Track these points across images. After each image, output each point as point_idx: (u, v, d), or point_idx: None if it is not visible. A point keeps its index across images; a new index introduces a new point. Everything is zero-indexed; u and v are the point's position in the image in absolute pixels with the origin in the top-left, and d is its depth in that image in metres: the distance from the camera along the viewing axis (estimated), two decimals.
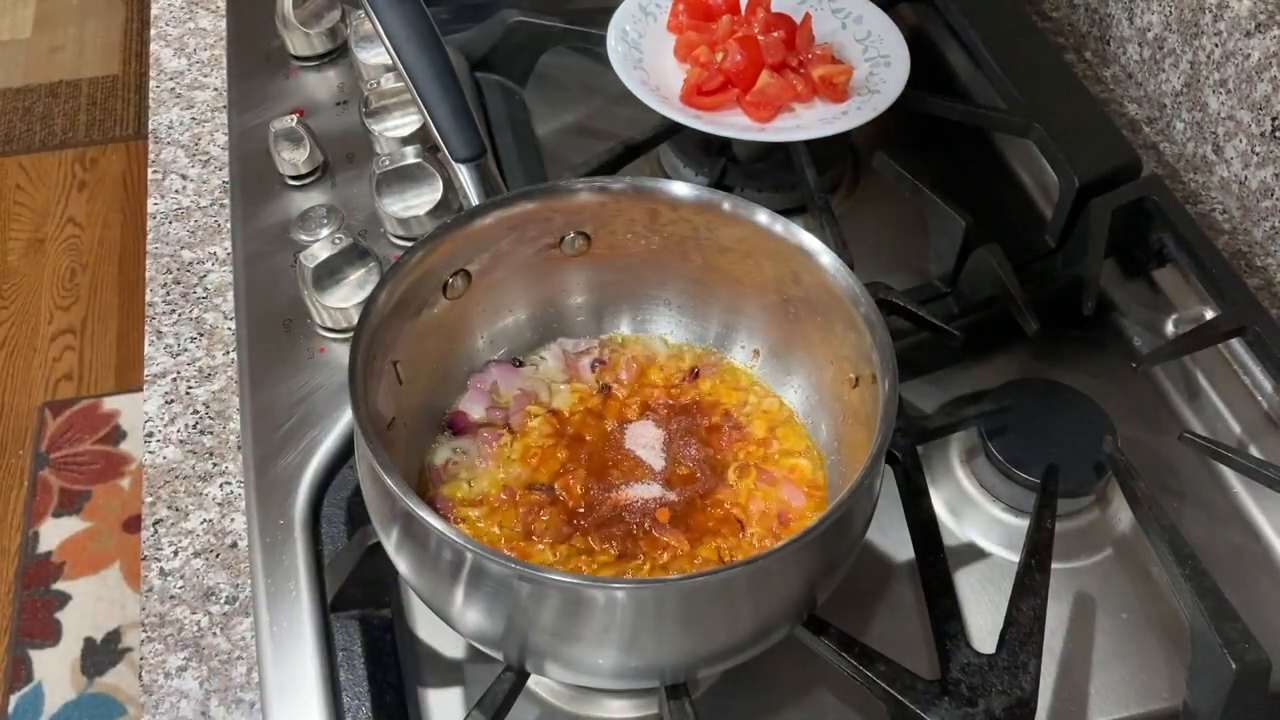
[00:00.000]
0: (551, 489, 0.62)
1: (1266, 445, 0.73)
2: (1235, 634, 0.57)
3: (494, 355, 0.69)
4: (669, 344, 0.70)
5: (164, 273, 0.82)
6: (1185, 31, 0.85)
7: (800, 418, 0.67)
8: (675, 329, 0.71)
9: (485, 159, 0.65)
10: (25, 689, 1.61)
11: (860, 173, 0.90)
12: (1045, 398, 0.71)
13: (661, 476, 0.63)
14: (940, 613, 0.60)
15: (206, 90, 0.95)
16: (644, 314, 0.71)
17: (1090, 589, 0.67)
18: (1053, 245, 0.81)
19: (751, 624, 0.54)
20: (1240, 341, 0.74)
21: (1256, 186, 0.81)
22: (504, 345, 0.69)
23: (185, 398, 0.74)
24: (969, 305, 0.77)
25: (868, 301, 0.60)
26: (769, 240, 0.64)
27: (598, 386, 0.68)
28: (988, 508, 0.70)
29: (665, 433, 0.65)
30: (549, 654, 0.53)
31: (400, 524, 0.54)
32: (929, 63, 1.00)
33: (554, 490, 0.62)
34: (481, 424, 0.66)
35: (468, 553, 0.50)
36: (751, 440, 0.66)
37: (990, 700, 0.56)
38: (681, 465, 0.64)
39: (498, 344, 0.69)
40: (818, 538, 0.52)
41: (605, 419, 0.66)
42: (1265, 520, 0.70)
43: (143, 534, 0.68)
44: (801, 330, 0.66)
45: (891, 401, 0.56)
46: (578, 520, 0.61)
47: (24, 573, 1.73)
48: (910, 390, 0.74)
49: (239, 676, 0.62)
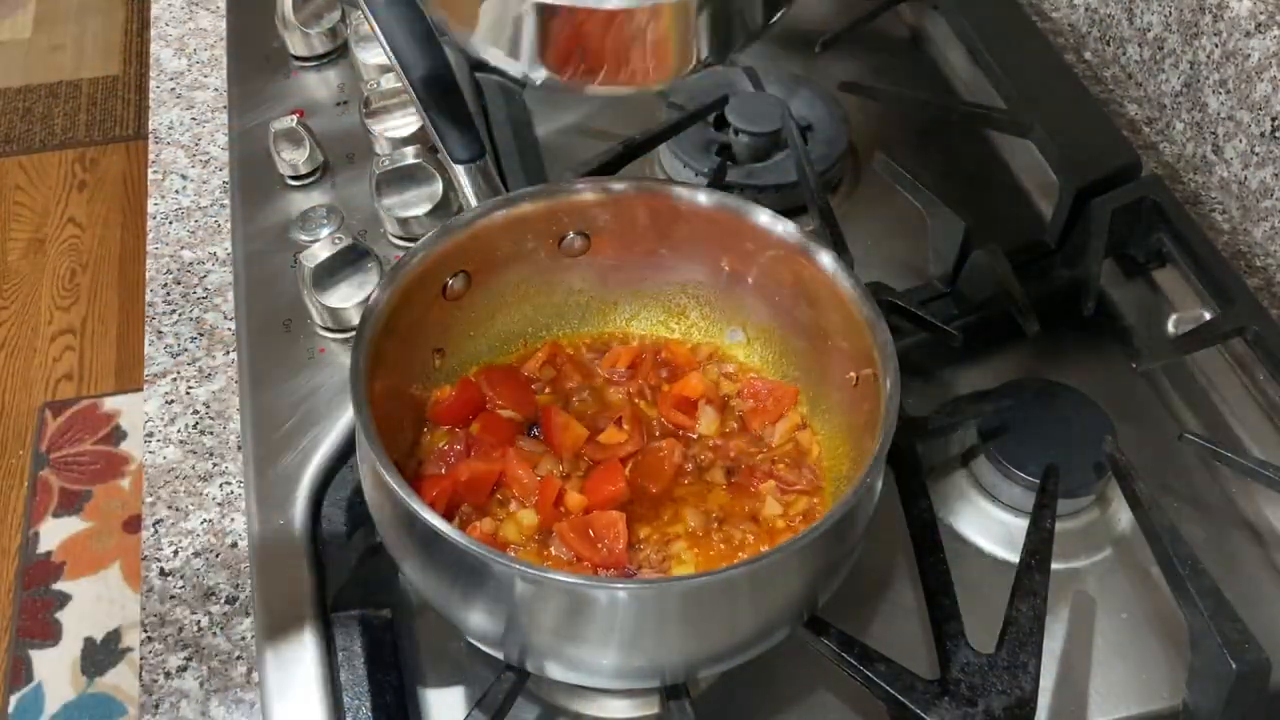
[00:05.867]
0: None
1: (1266, 445, 0.73)
2: (1235, 634, 0.57)
3: (492, 355, 0.69)
4: (669, 342, 0.70)
5: (164, 273, 0.82)
6: (1185, 32, 0.85)
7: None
8: (675, 328, 0.71)
9: (484, 160, 0.65)
10: (25, 689, 1.61)
11: (860, 173, 0.90)
12: (1045, 398, 0.71)
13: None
14: (940, 613, 0.60)
15: (206, 90, 0.95)
16: (644, 313, 0.71)
17: (1090, 589, 0.67)
18: (1053, 245, 0.81)
19: (752, 624, 0.54)
20: (1240, 341, 0.74)
21: (1256, 186, 0.81)
22: (504, 345, 0.69)
23: (185, 398, 0.74)
24: (969, 305, 0.77)
25: (868, 301, 0.60)
26: (769, 240, 0.64)
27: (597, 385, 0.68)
28: (988, 508, 0.70)
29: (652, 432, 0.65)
30: (550, 653, 0.53)
31: (402, 524, 0.54)
32: (929, 63, 1.00)
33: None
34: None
35: (469, 553, 0.50)
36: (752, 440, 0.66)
37: (990, 700, 0.56)
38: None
39: (497, 343, 0.69)
40: (819, 538, 0.52)
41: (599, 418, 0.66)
42: (1265, 520, 0.70)
43: (143, 534, 0.68)
44: (802, 329, 0.66)
45: (893, 401, 0.56)
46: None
47: (24, 573, 1.73)
48: (910, 390, 0.74)
49: (239, 676, 0.62)
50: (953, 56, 0.98)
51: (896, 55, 1.02)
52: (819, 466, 0.65)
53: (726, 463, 0.65)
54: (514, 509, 0.61)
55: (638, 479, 0.63)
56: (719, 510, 0.62)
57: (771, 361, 0.69)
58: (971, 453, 0.71)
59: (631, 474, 0.63)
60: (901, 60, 1.01)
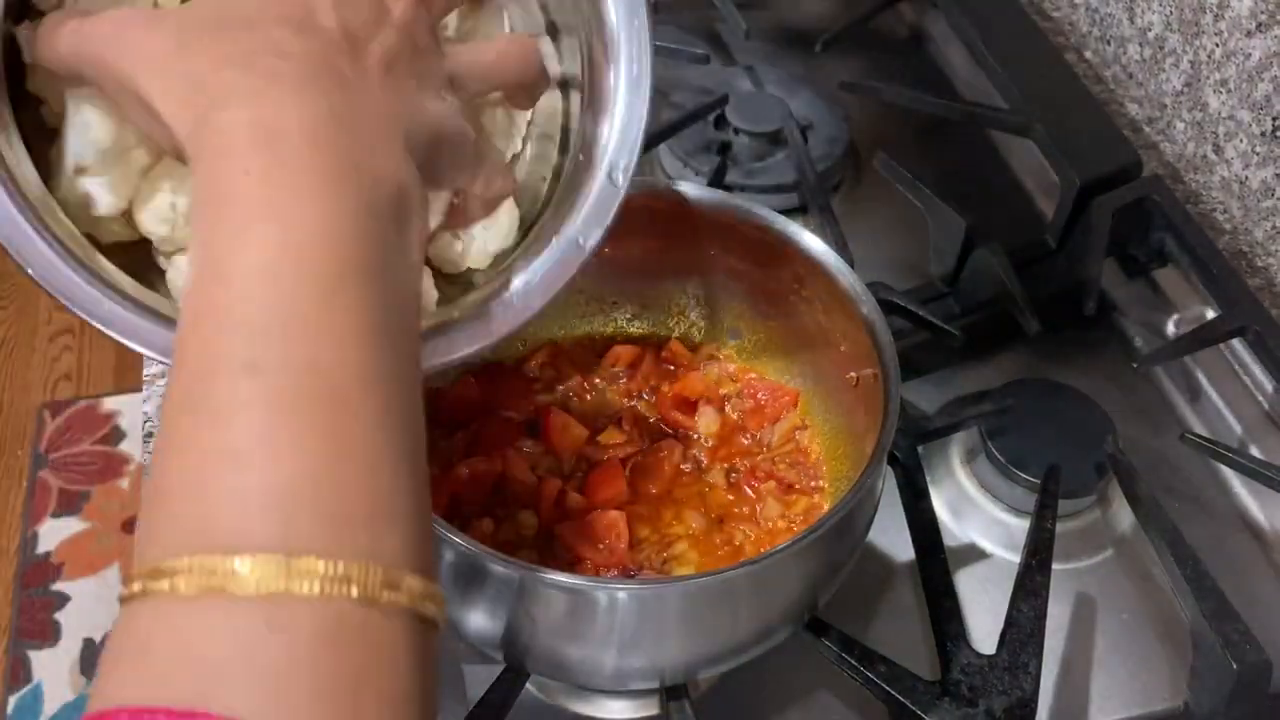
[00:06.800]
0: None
1: (1267, 445, 0.73)
2: (1236, 634, 0.57)
3: (492, 355, 0.68)
4: (669, 342, 0.70)
5: None
6: (1186, 31, 0.85)
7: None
8: (675, 328, 0.71)
9: None
10: (24, 690, 1.61)
11: (860, 173, 0.90)
12: (1046, 398, 0.71)
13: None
14: (941, 613, 0.60)
15: None
16: (644, 313, 0.71)
17: (1091, 589, 0.67)
18: (1053, 245, 0.81)
19: (753, 625, 0.54)
20: (1241, 341, 0.74)
21: (1257, 186, 0.80)
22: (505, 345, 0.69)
23: None
24: (969, 305, 0.77)
25: (869, 301, 0.60)
26: (769, 240, 0.64)
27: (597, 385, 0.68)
28: (988, 508, 0.70)
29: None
30: (550, 654, 0.53)
31: None
32: (929, 62, 1.00)
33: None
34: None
35: (469, 553, 0.50)
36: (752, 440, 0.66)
37: (991, 701, 0.56)
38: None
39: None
40: (819, 539, 0.52)
41: (599, 418, 0.66)
42: (1265, 520, 0.70)
43: None
44: (802, 329, 0.66)
45: (893, 402, 0.56)
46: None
47: (23, 573, 1.72)
48: (910, 390, 0.74)
49: None
50: (953, 56, 0.98)
51: (897, 55, 1.02)
52: (819, 467, 0.65)
53: (726, 463, 0.64)
54: (514, 509, 0.61)
55: (638, 479, 0.63)
56: (719, 511, 0.62)
57: (771, 361, 0.69)
58: (972, 453, 0.71)
59: (631, 474, 0.63)
60: (902, 60, 1.01)
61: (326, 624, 0.30)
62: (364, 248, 0.34)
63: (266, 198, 0.34)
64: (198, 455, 0.32)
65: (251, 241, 0.33)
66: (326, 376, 0.32)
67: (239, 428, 0.31)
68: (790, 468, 0.64)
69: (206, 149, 0.35)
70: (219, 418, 0.32)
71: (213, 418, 0.32)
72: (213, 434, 0.32)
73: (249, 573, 0.29)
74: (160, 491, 0.32)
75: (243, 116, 0.35)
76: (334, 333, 0.33)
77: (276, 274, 0.33)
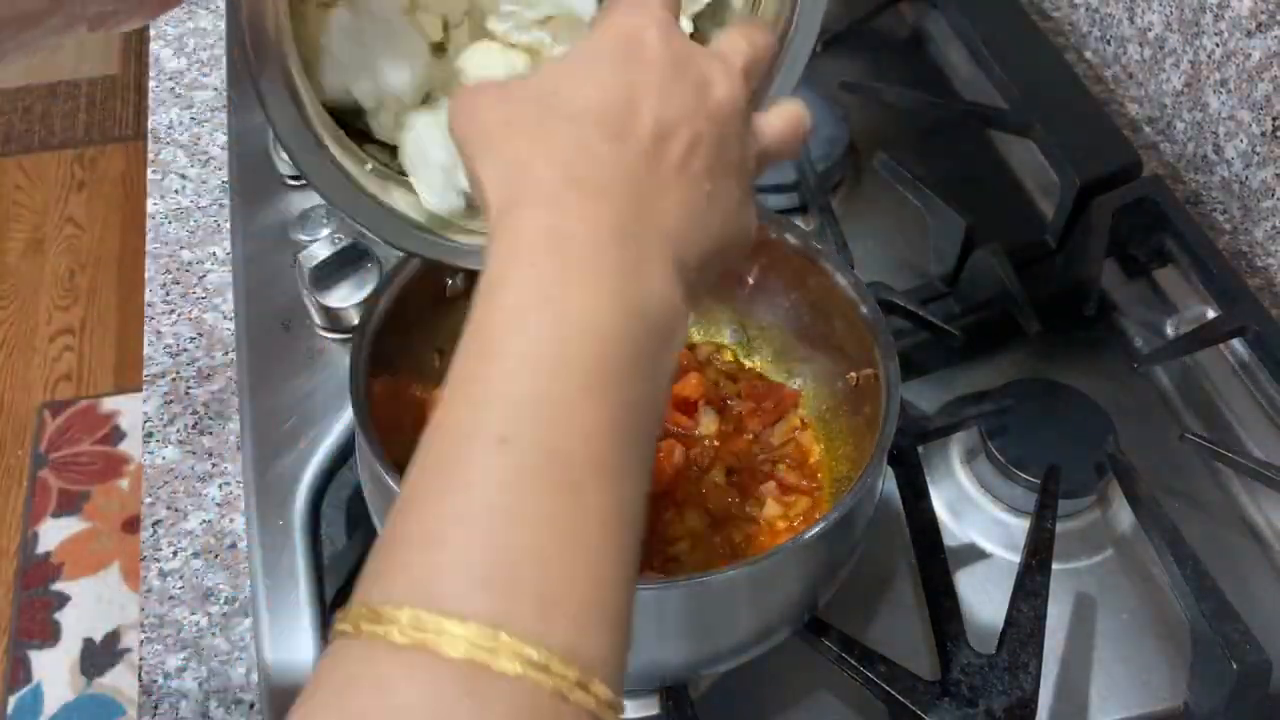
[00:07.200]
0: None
1: (1266, 445, 0.73)
2: (1236, 635, 0.57)
3: None
4: None
5: (163, 273, 0.81)
6: (1186, 31, 0.85)
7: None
8: None
9: None
10: (24, 690, 1.61)
11: (860, 173, 0.90)
12: (1046, 398, 0.71)
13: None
14: (941, 613, 0.60)
15: (206, 90, 0.95)
16: None
17: (1091, 589, 0.67)
18: (1053, 245, 0.81)
19: (752, 625, 0.54)
20: (1241, 341, 0.74)
21: (1257, 186, 0.81)
22: None
23: (184, 398, 0.74)
24: (969, 305, 0.77)
25: (869, 301, 0.60)
26: (769, 240, 0.64)
27: None
28: (988, 508, 0.70)
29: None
30: None
31: None
32: (929, 62, 1.00)
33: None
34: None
35: None
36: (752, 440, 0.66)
37: (991, 701, 0.56)
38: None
39: None
40: (819, 538, 0.52)
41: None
42: (1265, 520, 0.70)
43: (142, 534, 0.68)
44: (802, 330, 0.66)
45: (893, 402, 0.56)
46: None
47: (23, 573, 1.72)
48: (910, 390, 0.74)
49: (239, 677, 0.62)
50: (953, 56, 0.98)
51: (897, 55, 1.02)
52: (819, 467, 0.65)
53: (727, 463, 0.64)
54: None
55: None
56: (719, 511, 0.62)
57: (772, 362, 0.69)
58: (972, 453, 0.71)
59: None
60: (902, 60, 1.01)
61: (518, 705, 0.31)
62: (624, 351, 0.37)
63: (545, 294, 0.37)
64: (436, 512, 0.34)
65: (526, 328, 0.36)
66: (568, 464, 0.34)
67: (479, 495, 0.33)
68: (790, 468, 0.64)
69: (506, 236, 0.38)
70: (464, 482, 0.34)
71: (458, 481, 0.34)
72: (454, 496, 0.34)
73: (461, 636, 0.31)
74: (396, 539, 0.34)
75: (541, 219, 0.38)
76: (584, 424, 0.35)
77: (541, 360, 0.36)
